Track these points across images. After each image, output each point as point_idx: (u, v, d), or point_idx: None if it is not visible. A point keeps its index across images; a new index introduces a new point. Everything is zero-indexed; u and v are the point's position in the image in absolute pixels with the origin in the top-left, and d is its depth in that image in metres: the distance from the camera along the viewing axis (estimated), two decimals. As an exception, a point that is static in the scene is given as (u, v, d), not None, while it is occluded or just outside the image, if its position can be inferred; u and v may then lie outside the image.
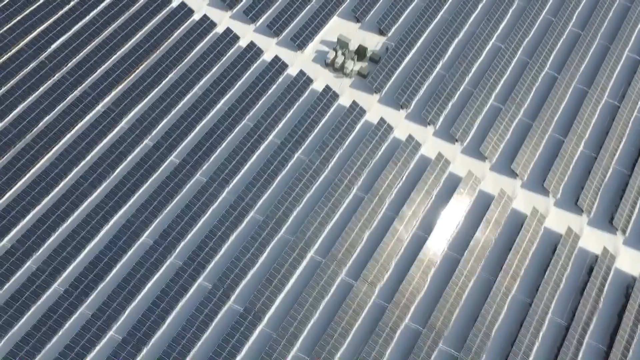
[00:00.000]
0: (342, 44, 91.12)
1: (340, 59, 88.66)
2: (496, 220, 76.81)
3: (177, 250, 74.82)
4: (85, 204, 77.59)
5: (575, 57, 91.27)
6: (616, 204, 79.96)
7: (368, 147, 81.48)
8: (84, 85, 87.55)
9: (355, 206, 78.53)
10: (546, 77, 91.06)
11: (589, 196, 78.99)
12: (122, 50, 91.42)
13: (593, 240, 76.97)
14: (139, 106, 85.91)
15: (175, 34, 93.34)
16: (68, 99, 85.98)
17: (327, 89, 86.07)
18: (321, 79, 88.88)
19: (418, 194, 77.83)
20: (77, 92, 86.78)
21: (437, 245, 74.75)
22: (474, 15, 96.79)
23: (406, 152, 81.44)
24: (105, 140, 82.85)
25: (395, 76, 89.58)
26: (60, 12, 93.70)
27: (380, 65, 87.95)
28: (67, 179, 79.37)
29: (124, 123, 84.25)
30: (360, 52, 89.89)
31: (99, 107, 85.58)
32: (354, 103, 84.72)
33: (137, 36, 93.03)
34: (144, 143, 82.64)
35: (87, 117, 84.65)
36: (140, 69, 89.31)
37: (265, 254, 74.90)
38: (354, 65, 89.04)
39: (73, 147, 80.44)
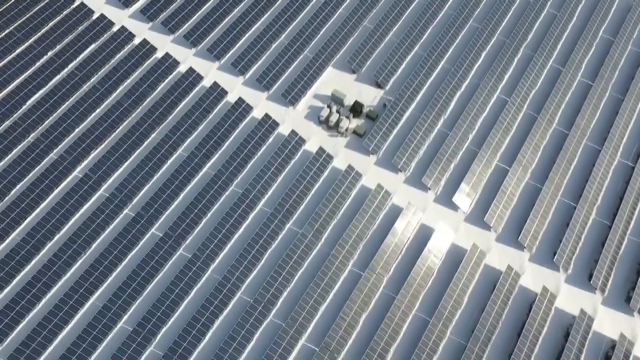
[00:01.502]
0: (336, 99, 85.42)
1: (334, 117, 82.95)
2: (504, 299, 71.08)
3: (157, 339, 69.10)
4: (59, 284, 71.82)
5: (586, 112, 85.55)
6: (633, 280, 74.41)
7: (365, 217, 75.72)
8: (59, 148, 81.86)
9: (352, 283, 72.77)
10: (555, 134, 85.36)
11: (602, 273, 73.32)
12: (102, 107, 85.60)
13: (608, 322, 71.37)
14: (119, 171, 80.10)
15: (160, 87, 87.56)
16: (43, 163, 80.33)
17: (321, 151, 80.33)
18: (314, 138, 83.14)
19: (419, 270, 72.09)
20: (53, 155, 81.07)
21: (442, 328, 69.07)
22: (477, 65, 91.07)
23: (406, 222, 75.67)
24: (82, 210, 77.03)
25: (394, 135, 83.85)
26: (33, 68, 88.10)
27: (378, 125, 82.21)
28: (40, 255, 73.59)
29: (102, 190, 78.44)
30: (356, 109, 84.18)
31: (76, 173, 79.84)
32: (350, 167, 78.97)
33: (121, 89, 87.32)
34: (123, 213, 76.83)
35: (63, 184, 78.90)
36: (121, 127, 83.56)
37: (253, 340, 69.29)
38: (349, 124, 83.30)
39: (46, 221, 74.67)
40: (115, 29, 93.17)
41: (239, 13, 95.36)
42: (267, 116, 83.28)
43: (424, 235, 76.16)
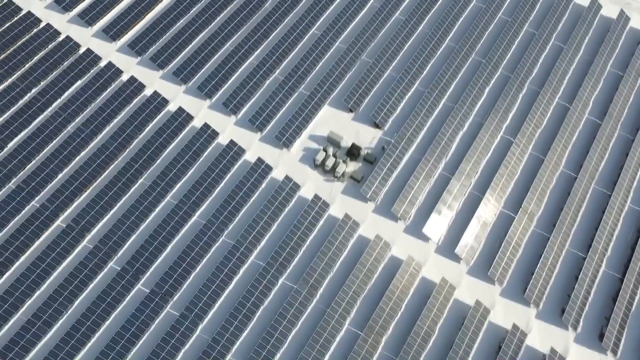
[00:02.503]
0: (332, 141, 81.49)
1: (330, 162, 79.01)
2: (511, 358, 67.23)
3: (143, 407, 65.30)
4: (39, 346, 67.85)
5: (595, 153, 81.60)
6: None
7: (362, 271, 71.79)
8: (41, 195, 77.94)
9: (351, 343, 68.82)
10: (562, 176, 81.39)
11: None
12: (87, 150, 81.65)
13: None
14: (104, 220, 76.17)
15: (149, 128, 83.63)
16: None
17: (316, 198, 76.38)
18: (310, 183, 79.17)
19: (419, 330, 68.16)
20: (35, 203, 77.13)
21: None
22: (480, 102, 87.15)
23: (405, 277, 71.74)
24: (64, 264, 73.08)
25: (392, 180, 79.91)
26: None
27: (376, 169, 78.23)
28: (18, 314, 69.64)
29: (86, 241, 74.49)
30: (353, 152, 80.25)
31: (59, 222, 75.91)
32: (346, 216, 75.01)
33: (107, 130, 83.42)
34: (108, 267, 72.89)
35: (45, 235, 74.98)
36: (107, 172, 79.65)
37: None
38: (346, 168, 79.33)
39: (25, 276, 70.72)
40: (102, 64, 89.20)
41: (232, 47, 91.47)
42: (260, 160, 79.34)
43: (425, 290, 72.23)
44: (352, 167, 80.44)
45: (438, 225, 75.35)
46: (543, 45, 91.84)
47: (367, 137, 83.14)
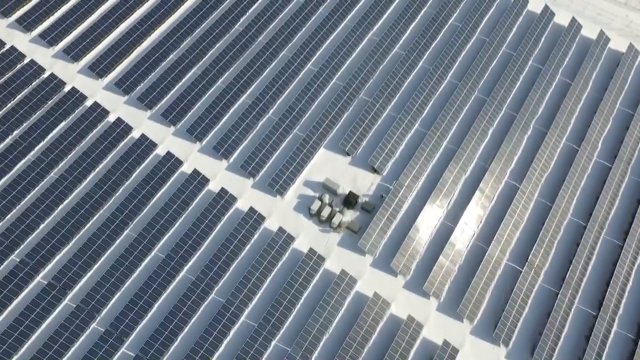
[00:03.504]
0: (329, 189, 77.45)
1: (326, 212, 74.95)
2: None
3: None
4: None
5: (604, 201, 77.53)
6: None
7: (360, 332, 67.74)
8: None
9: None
10: (571, 225, 77.38)
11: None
12: (70, 199, 77.64)
13: None
14: (87, 277, 72.19)
15: (136, 174, 79.62)
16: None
17: (311, 252, 72.34)
18: (304, 234, 75.12)
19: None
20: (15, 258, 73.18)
21: None
22: (483, 145, 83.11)
23: (405, 339, 67.71)
24: (45, 324, 69.10)
25: (392, 231, 75.85)
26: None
27: (374, 221, 74.18)
28: (-4, 382, 65.74)
29: (68, 300, 70.50)
30: (350, 201, 76.19)
31: (39, 279, 71.92)
32: (343, 272, 70.99)
33: (92, 176, 79.39)
34: (90, 328, 68.88)
35: (24, 293, 71.03)
36: (91, 223, 75.69)
37: None
38: (342, 218, 75.28)
39: (2, 341, 66.72)
40: (88, 103, 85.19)
41: (223, 85, 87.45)
42: (252, 210, 75.28)
43: (427, 352, 68.17)
44: (349, 216, 76.39)
45: (440, 281, 71.30)
46: (549, 82, 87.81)
47: (365, 183, 79.08)
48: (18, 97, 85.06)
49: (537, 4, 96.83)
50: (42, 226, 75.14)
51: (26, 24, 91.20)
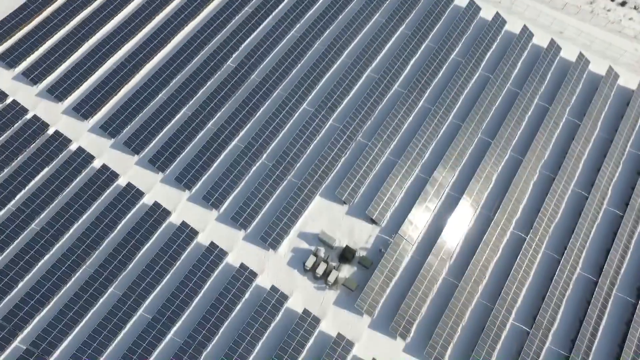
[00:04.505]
0: (324, 243, 73.33)
1: (321, 268, 70.83)
2: None
3: None
4: None
5: (615, 257, 73.34)
6: None
7: (357, 404, 63.71)
8: (-1, 311, 69.86)
9: None
10: (581, 280, 73.27)
11: None
12: (51, 254, 73.54)
13: None
14: (66, 342, 68.11)
15: (121, 225, 75.56)
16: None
17: (306, 314, 68.19)
18: (298, 292, 71.01)
19: None
20: (-9, 320, 69.02)
21: None
22: (487, 192, 78.92)
23: (405, 410, 63.63)
24: (22, 395, 65.15)
25: (391, 289, 71.72)
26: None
27: (372, 279, 70.06)
28: None
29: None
30: (347, 257, 72.06)
31: (17, 343, 67.85)
32: (339, 336, 66.85)
33: (73, 229, 75.32)
34: (71, 398, 64.88)
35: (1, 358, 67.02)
36: (72, 281, 71.59)
37: None
38: (339, 275, 71.18)
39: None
40: (72, 147, 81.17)
41: (214, 127, 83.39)
42: (243, 266, 71.17)
43: None
44: (345, 272, 72.24)
45: (442, 344, 67.15)
46: (556, 122, 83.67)
47: (363, 236, 74.93)
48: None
49: (543, 37, 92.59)
50: (20, 285, 71.05)
51: (9, 60, 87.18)
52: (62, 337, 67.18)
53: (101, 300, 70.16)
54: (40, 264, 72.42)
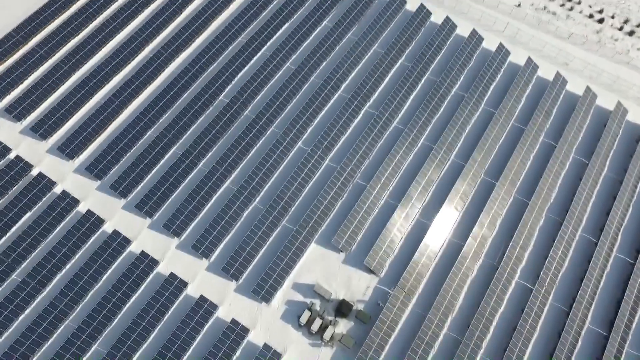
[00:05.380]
0: (320, 296, 69.67)
1: (316, 324, 67.18)
2: None
3: None
4: None
5: (626, 312, 69.64)
6: None
7: None
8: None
9: None
10: (590, 334, 69.64)
11: None
12: (33, 306, 69.89)
13: None
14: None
15: (109, 273, 71.91)
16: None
17: (300, 375, 64.68)
18: (292, 349, 67.36)
19: None
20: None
21: None
22: (491, 239, 75.22)
23: None
24: None
25: (390, 345, 68.02)
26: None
27: (370, 336, 66.40)
28: None
29: None
30: (343, 311, 68.41)
31: (-5, 407, 64.21)
32: (335, 400, 63.32)
33: (56, 280, 71.58)
34: None
35: None
36: (54, 337, 67.92)
37: None
38: (335, 331, 67.55)
39: None
40: (57, 190, 77.56)
41: (206, 168, 79.72)
42: (234, 322, 67.47)
43: None
44: (342, 327, 68.57)
45: (444, 410, 63.63)
46: (563, 162, 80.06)
47: (361, 287, 71.25)
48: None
49: (548, 69, 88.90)
50: (5, 335, 67.38)
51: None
52: (42, 402, 63.55)
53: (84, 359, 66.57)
54: (19, 320, 68.73)
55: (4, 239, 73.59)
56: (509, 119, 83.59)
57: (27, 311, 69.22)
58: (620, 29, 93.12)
